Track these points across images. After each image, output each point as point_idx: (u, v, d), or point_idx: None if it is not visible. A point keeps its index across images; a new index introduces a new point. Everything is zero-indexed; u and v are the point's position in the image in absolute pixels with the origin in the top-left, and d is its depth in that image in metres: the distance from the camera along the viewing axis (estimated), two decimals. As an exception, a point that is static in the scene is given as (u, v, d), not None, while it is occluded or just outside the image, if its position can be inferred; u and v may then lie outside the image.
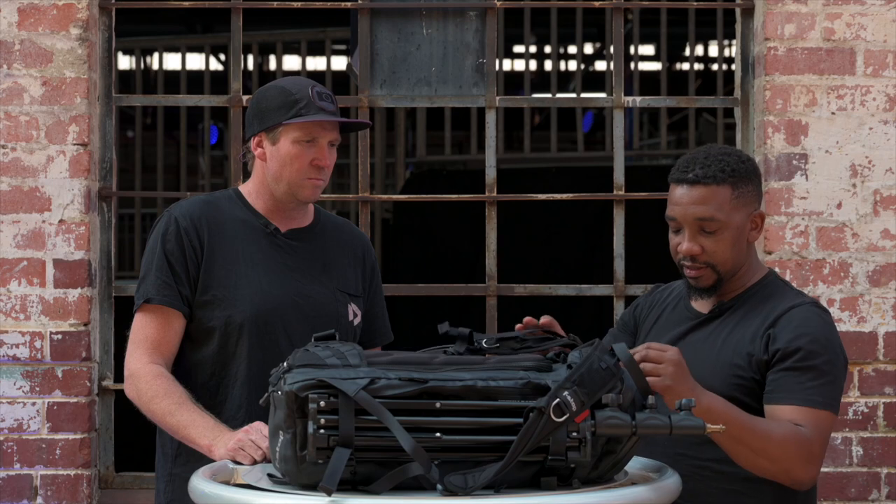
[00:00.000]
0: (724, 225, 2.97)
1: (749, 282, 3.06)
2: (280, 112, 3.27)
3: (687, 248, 2.99)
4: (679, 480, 2.69)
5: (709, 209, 2.97)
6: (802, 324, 2.94)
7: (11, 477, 4.42)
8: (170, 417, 3.17)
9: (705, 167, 2.97)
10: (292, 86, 3.31)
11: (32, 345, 4.43)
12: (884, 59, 4.47)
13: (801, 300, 3.01)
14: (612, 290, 4.64)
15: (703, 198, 2.97)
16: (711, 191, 2.97)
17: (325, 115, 3.27)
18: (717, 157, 3.00)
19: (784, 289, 3.07)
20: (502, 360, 2.63)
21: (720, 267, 3.00)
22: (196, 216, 3.31)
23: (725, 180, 2.97)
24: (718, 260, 2.99)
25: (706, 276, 3.01)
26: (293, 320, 3.28)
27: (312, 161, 3.28)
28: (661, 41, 8.93)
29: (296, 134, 3.27)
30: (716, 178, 2.97)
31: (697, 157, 3.01)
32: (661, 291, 3.25)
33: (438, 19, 4.73)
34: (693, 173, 2.98)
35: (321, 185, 3.32)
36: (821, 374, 2.91)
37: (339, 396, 2.47)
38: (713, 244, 2.98)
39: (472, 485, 2.45)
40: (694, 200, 2.98)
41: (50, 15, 4.46)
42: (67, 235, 4.44)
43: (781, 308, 2.97)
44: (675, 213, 3.01)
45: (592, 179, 6.23)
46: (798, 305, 2.98)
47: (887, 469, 4.42)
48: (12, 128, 4.46)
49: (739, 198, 2.99)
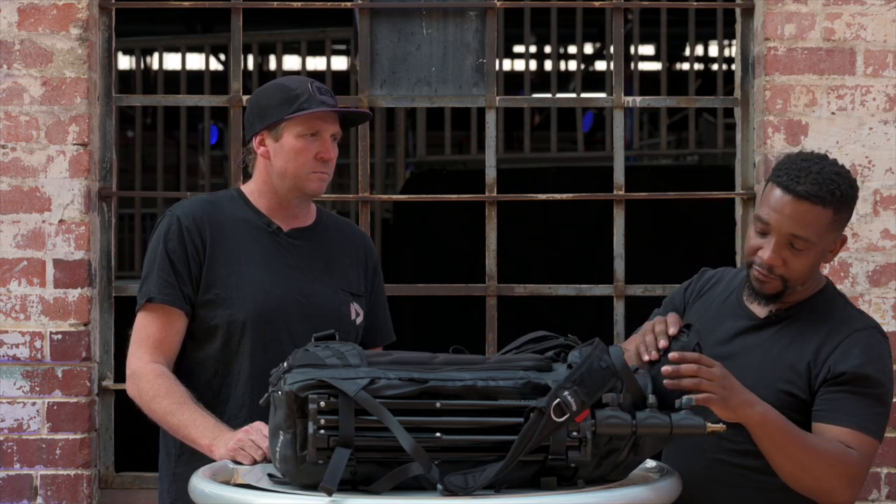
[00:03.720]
0: (813, 246, 2.88)
1: (809, 292, 2.99)
2: (281, 108, 3.27)
3: (769, 258, 2.88)
4: (679, 480, 2.69)
5: (805, 229, 2.86)
6: (869, 350, 2.90)
7: (11, 477, 4.42)
8: (171, 417, 3.17)
9: (818, 184, 2.86)
10: (291, 82, 3.32)
11: (32, 345, 4.43)
12: (884, 59, 4.47)
13: (865, 324, 2.96)
14: (612, 290, 4.63)
15: (805, 215, 2.86)
16: (816, 211, 2.86)
17: (327, 108, 3.27)
18: (829, 177, 2.87)
19: (845, 306, 3.01)
20: (502, 359, 2.63)
21: (792, 282, 2.92)
22: (198, 215, 3.31)
23: (832, 203, 2.86)
24: (794, 276, 2.91)
25: (773, 285, 2.92)
26: (295, 319, 3.28)
27: (317, 154, 3.29)
28: (661, 41, 8.93)
29: (299, 128, 3.28)
30: (824, 199, 2.85)
31: (811, 170, 2.88)
32: (709, 277, 3.15)
33: (438, 19, 4.73)
34: (804, 187, 2.85)
35: (326, 178, 3.33)
36: (879, 402, 2.89)
37: (339, 396, 2.47)
38: (796, 261, 2.89)
39: (473, 485, 2.45)
40: (794, 214, 2.86)
41: (50, 15, 4.45)
42: (67, 235, 4.44)
43: (846, 331, 2.92)
44: (771, 220, 2.88)
45: (592, 179, 6.22)
46: (863, 329, 2.93)
47: (887, 469, 4.42)
48: (12, 128, 4.46)
49: (836, 222, 2.90)
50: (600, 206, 6.59)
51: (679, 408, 2.60)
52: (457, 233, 8.10)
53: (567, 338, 2.73)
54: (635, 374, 2.62)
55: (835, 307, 2.99)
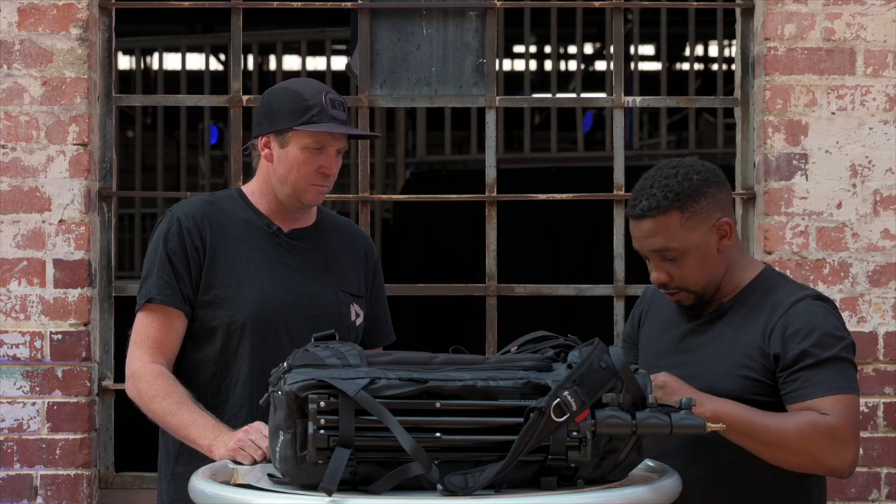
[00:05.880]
0: (681, 250, 2.96)
1: (744, 280, 3.04)
2: (292, 117, 3.26)
3: (655, 278, 3.01)
4: (679, 480, 2.69)
5: (660, 240, 2.96)
6: (810, 320, 2.93)
7: (11, 477, 4.42)
8: (170, 417, 3.17)
9: (650, 197, 2.95)
10: (306, 90, 3.29)
11: (32, 345, 4.43)
12: (884, 59, 4.47)
13: (803, 293, 3.00)
14: (612, 290, 4.64)
15: (652, 230, 2.95)
16: (658, 221, 2.95)
17: (337, 125, 3.26)
18: (661, 183, 2.96)
19: (783, 283, 3.06)
20: (502, 359, 2.63)
21: (693, 288, 2.99)
22: (198, 216, 3.31)
23: (670, 207, 2.94)
24: (688, 283, 2.99)
25: (684, 298, 3.02)
26: (295, 320, 3.28)
27: (319, 168, 3.28)
28: (661, 41, 8.93)
29: (306, 140, 3.26)
30: (660, 207, 2.94)
31: (644, 187, 2.98)
32: (651, 294, 3.24)
33: (438, 19, 4.73)
34: (639, 207, 2.96)
35: (325, 191, 3.32)
36: (837, 360, 2.91)
37: (339, 396, 2.47)
38: (678, 270, 2.97)
39: (473, 485, 2.45)
40: (645, 234, 2.97)
41: (50, 15, 4.46)
42: (67, 235, 4.44)
43: (785, 304, 2.96)
44: (636, 246, 3.02)
45: (592, 179, 6.22)
46: (801, 300, 2.97)
47: (887, 469, 4.42)
48: (12, 128, 4.46)
49: (691, 218, 2.96)
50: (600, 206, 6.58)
51: (679, 407, 2.60)
52: (457, 233, 8.10)
53: (567, 338, 2.73)
54: (635, 374, 2.62)
55: (774, 287, 3.03)
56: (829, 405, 2.87)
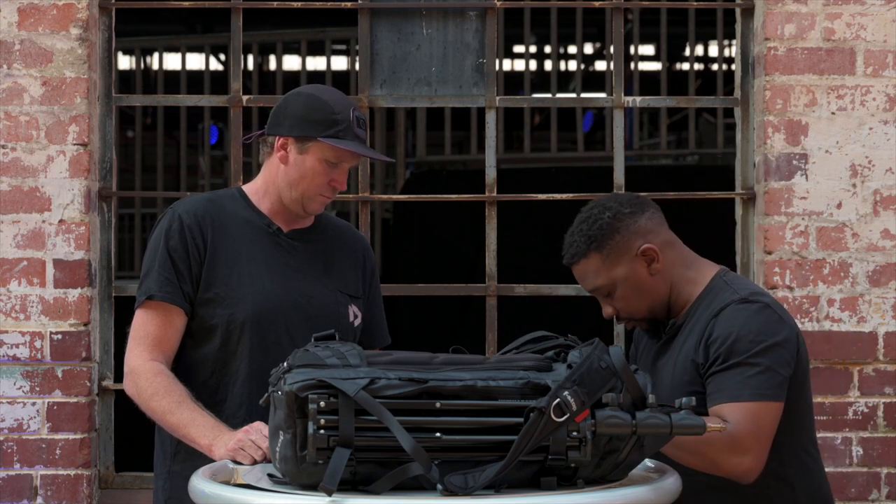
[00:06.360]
0: (612, 286, 3.07)
1: (693, 294, 3.09)
2: (318, 127, 3.25)
3: (605, 313, 3.13)
4: (679, 480, 2.69)
5: (590, 282, 3.09)
6: (727, 326, 2.97)
7: (11, 477, 4.42)
8: (169, 416, 3.17)
9: (570, 245, 3.09)
10: (336, 102, 3.28)
11: (32, 345, 4.43)
12: (884, 59, 4.47)
13: (731, 298, 3.02)
14: (612, 290, 4.63)
15: (581, 274, 3.09)
16: (583, 266, 3.08)
17: (359, 145, 3.27)
18: (578, 230, 3.09)
19: (724, 288, 3.07)
20: (502, 359, 2.63)
21: (638, 315, 3.10)
22: (199, 214, 3.31)
23: (588, 251, 3.06)
24: (633, 312, 3.09)
25: (639, 325, 3.14)
26: (295, 320, 3.28)
27: (331, 181, 3.29)
28: (661, 41, 8.93)
29: (327, 154, 3.26)
30: (580, 253, 3.07)
31: (568, 235, 3.11)
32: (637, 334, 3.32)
33: (438, 19, 4.73)
34: (566, 256, 3.10)
35: (328, 201, 3.35)
36: (746, 366, 2.93)
37: (339, 396, 2.47)
38: (619, 303, 3.09)
39: (473, 485, 2.45)
40: (579, 278, 3.11)
41: (50, 15, 4.46)
42: (67, 235, 4.44)
43: (714, 311, 3.01)
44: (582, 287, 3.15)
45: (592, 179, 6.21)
46: (727, 306, 3.00)
47: (887, 469, 4.42)
48: (12, 128, 4.46)
49: (610, 255, 3.05)
50: (600, 206, 6.58)
51: (679, 408, 2.60)
52: (457, 233, 8.10)
53: (567, 338, 2.73)
54: (635, 374, 2.62)
55: (715, 295, 3.06)
56: (730, 412, 2.90)
